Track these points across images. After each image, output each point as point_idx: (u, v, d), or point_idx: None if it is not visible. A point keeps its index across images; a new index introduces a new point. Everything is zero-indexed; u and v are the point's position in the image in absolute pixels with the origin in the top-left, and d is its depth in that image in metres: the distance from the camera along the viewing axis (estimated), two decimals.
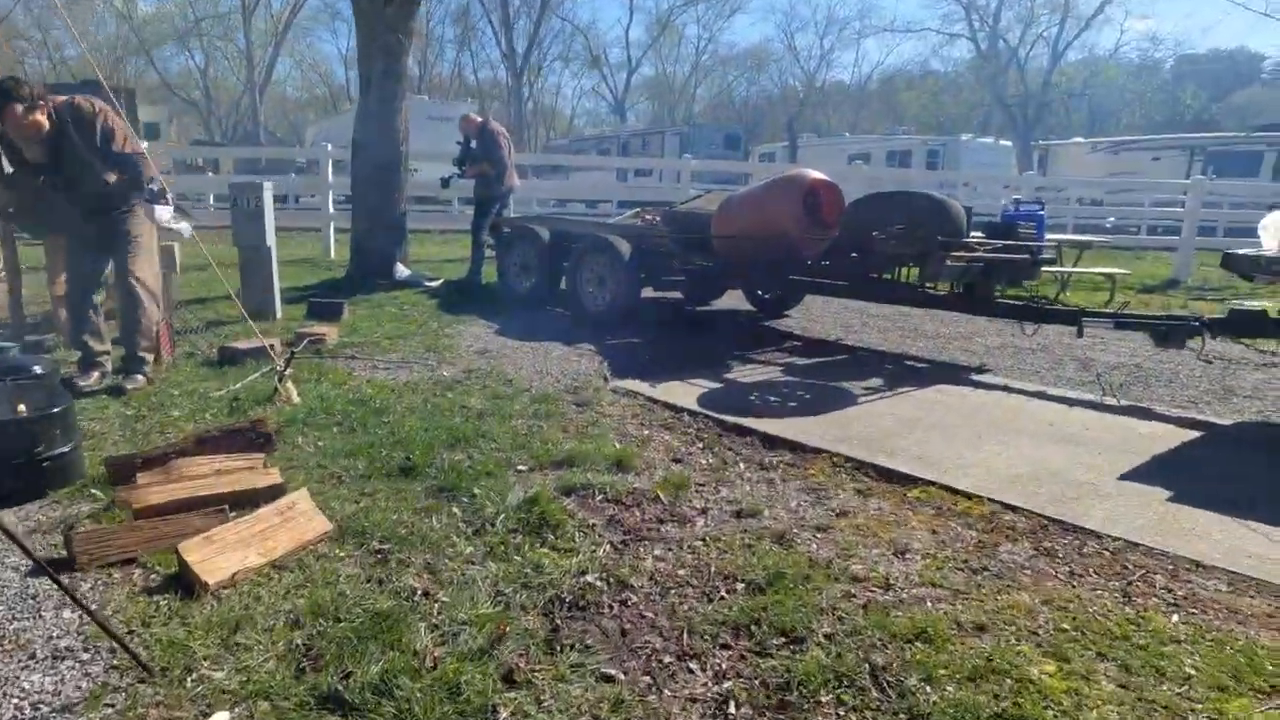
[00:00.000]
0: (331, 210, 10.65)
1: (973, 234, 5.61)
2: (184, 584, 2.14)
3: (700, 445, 3.63)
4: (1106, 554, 2.55)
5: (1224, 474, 3.31)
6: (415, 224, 13.76)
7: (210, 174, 18.34)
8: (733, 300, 7.62)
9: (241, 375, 4.21)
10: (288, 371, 3.90)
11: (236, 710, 1.70)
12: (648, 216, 8.10)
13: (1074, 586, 2.33)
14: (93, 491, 2.76)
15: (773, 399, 4.41)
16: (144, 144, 8.47)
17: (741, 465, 3.38)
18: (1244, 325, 4.19)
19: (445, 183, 8.19)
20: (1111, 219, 17.47)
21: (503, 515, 2.66)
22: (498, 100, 48.12)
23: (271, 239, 5.98)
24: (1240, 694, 1.82)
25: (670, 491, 3.01)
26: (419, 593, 2.20)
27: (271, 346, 4.47)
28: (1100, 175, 22.15)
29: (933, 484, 3.10)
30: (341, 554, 2.38)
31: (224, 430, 2.98)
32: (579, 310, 6.58)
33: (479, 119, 8.16)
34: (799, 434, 3.66)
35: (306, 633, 1.97)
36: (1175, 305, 8.23)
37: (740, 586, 2.31)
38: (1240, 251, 4.01)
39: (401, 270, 8.03)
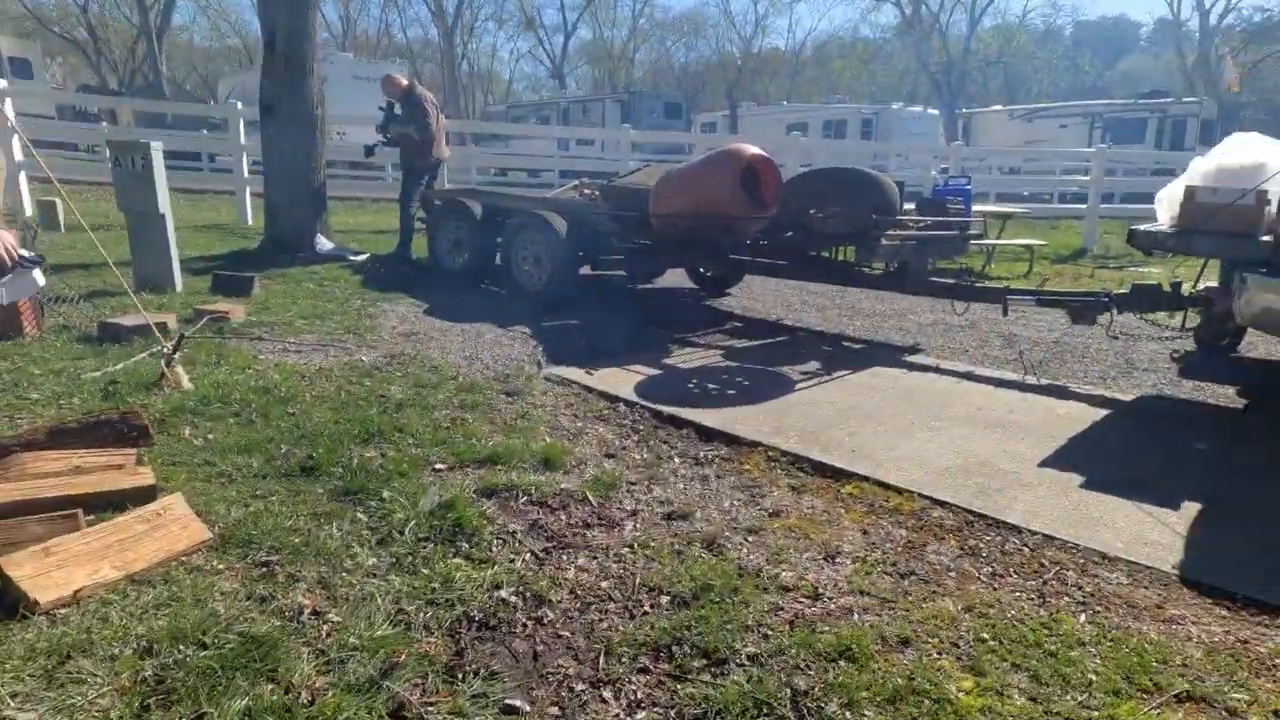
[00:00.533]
0: (246, 174, 10.00)
1: (906, 208, 5.58)
2: (6, 603, 1.86)
3: (635, 438, 3.47)
4: (1026, 550, 2.53)
5: (1127, 453, 3.41)
6: (347, 192, 13.20)
7: (105, 125, 16.99)
8: (676, 278, 7.46)
9: (125, 355, 3.84)
10: (177, 354, 3.56)
11: None
12: (587, 191, 7.83)
13: (995, 589, 2.28)
14: None
15: (712, 386, 4.28)
16: (2, 82, 7.61)
17: (676, 460, 3.23)
18: (1143, 300, 4.36)
19: (369, 151, 7.76)
20: (1027, 190, 17.97)
21: (413, 522, 2.46)
22: (431, 62, 46.28)
23: (165, 203, 5.49)
24: (1130, 696, 1.81)
25: (600, 492, 2.84)
26: (307, 612, 1.98)
27: (163, 324, 4.10)
28: (1018, 143, 22.72)
29: (866, 479, 3.02)
30: (221, 566, 2.14)
31: (87, 420, 2.65)
32: (515, 289, 6.33)
33: (404, 81, 7.69)
34: (736, 425, 3.53)
35: (160, 662, 1.73)
36: (1085, 275, 8.48)
37: (665, 600, 2.17)
38: (1142, 228, 4.10)
39: (323, 243, 7.59)
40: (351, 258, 7.49)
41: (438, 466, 2.96)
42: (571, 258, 6.07)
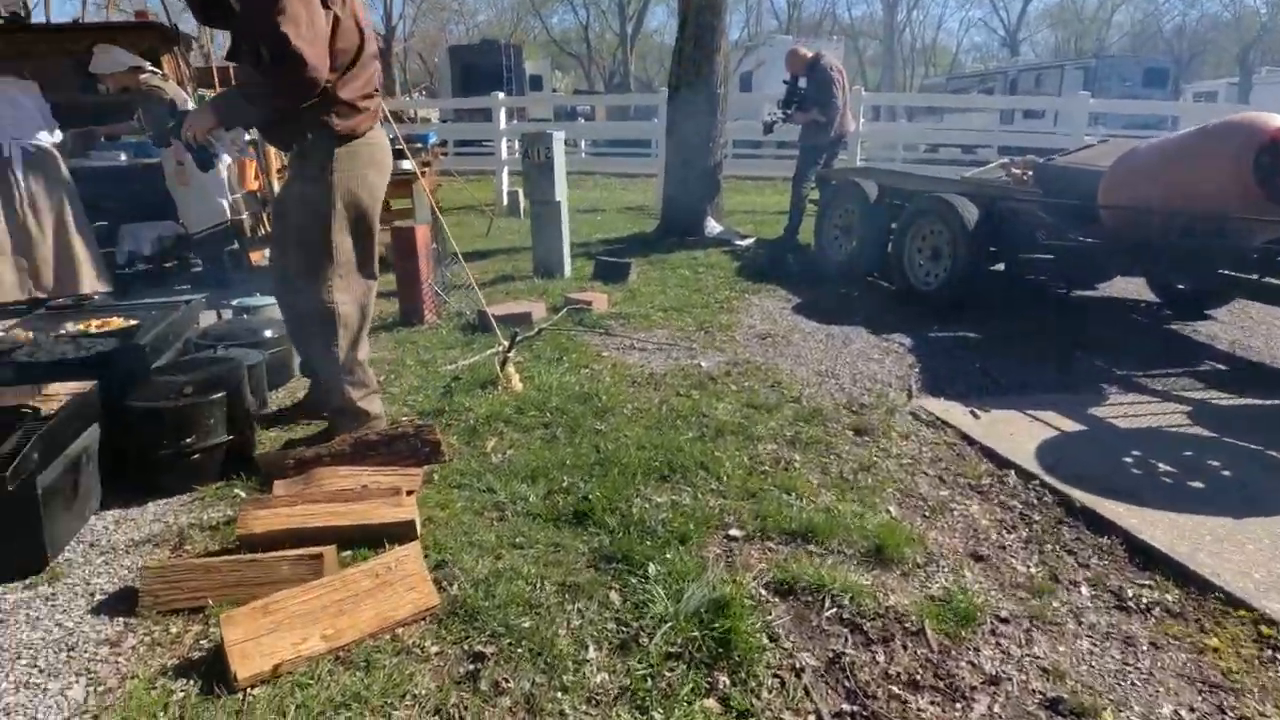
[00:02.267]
0: (665, 158, 10.38)
1: None
2: (218, 668, 1.68)
3: (1024, 534, 2.41)
4: None
5: None
6: (770, 172, 13.15)
7: (582, 120, 19.66)
8: (1130, 285, 5.65)
9: (486, 346, 3.91)
10: (512, 352, 3.47)
11: None
12: (1016, 170, 6.39)
13: None
14: (237, 493, 2.52)
15: (1164, 467, 2.88)
16: (500, 95, 8.57)
17: (1084, 591, 2.12)
18: None
19: (768, 128, 7.30)
20: None
21: (669, 624, 1.86)
22: (875, 39, 44.79)
23: (561, 192, 5.69)
24: None
25: (948, 625, 1.93)
26: None
27: (527, 315, 4.14)
28: None
29: None
30: (431, 651, 1.78)
31: (387, 434, 2.57)
32: (903, 286, 5.33)
33: (809, 54, 7.04)
34: (1201, 552, 2.23)
35: None
36: None
37: None
38: None
39: (712, 225, 7.41)
40: (737, 242, 7.19)
41: (733, 533, 2.33)
42: (979, 253, 4.86)
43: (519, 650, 1.77)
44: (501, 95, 11.09)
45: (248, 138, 5.57)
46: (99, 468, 2.42)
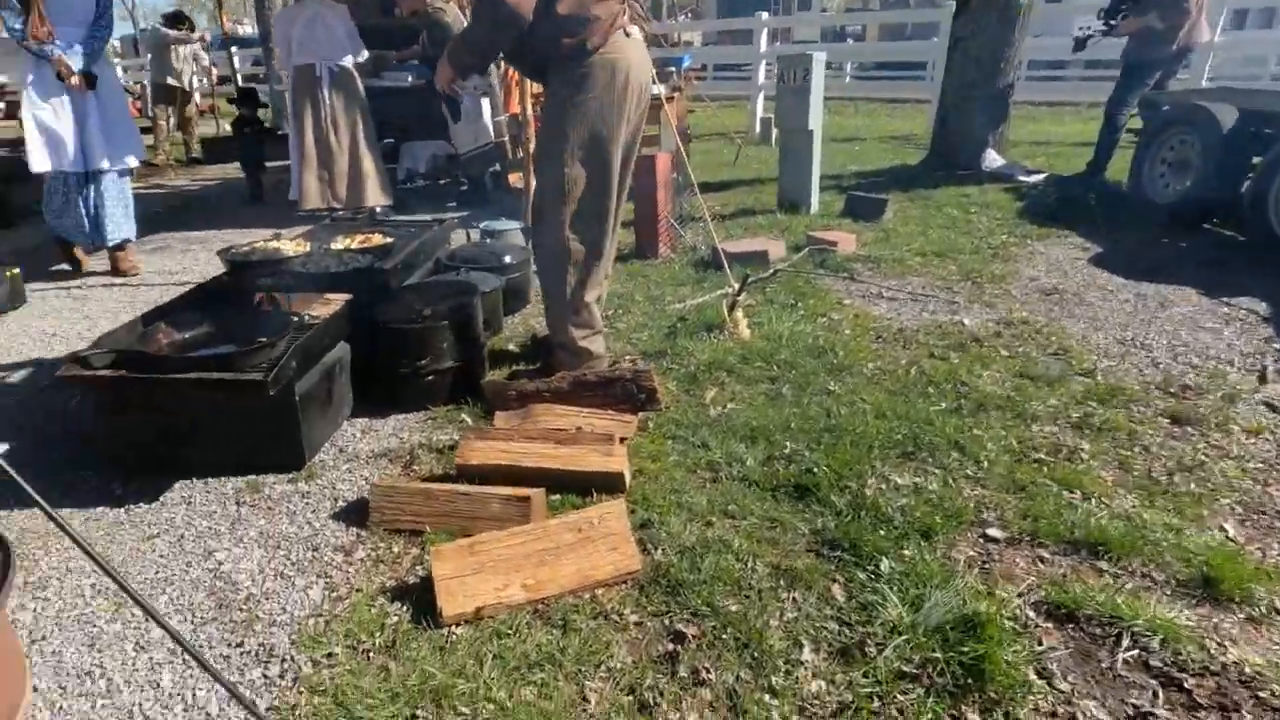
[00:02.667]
0: (942, 80, 9.19)
1: None
2: (430, 599, 1.66)
3: None
4: None
5: None
6: (1071, 96, 11.33)
7: (850, 41, 18.30)
8: None
9: (716, 286, 3.64)
10: (741, 296, 3.16)
11: None
12: None
13: None
14: (463, 418, 2.53)
15: None
16: (764, 14, 8.12)
17: None
18: None
19: (1079, 44, 6.07)
20: None
21: (903, 637, 1.54)
22: None
23: (815, 119, 5.15)
24: None
25: None
26: None
27: (763, 254, 3.80)
28: None
29: None
30: (631, 619, 1.63)
31: (604, 377, 2.43)
32: (1263, 237, 4.17)
33: None
34: None
35: None
36: None
37: None
38: None
39: (992, 158, 6.42)
40: (1021, 178, 6.16)
41: (992, 533, 1.91)
42: None
43: (724, 637, 1.56)
44: (765, 16, 10.47)
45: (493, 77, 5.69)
46: (351, 378, 2.57)
